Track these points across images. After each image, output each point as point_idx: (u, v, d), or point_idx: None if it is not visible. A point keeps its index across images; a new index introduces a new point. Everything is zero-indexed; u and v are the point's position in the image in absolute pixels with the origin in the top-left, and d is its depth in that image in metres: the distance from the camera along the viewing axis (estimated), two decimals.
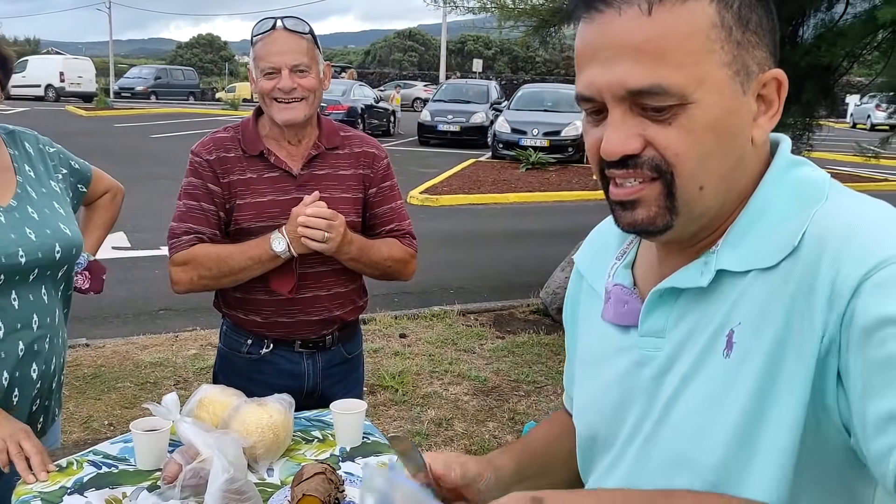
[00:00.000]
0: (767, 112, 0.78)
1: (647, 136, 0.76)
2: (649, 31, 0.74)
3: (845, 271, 0.69)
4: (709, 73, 0.74)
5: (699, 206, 0.78)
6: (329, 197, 2.01)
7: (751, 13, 0.76)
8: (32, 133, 1.91)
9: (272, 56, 1.93)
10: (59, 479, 1.60)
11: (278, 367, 2.09)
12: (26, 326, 1.74)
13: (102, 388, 4.19)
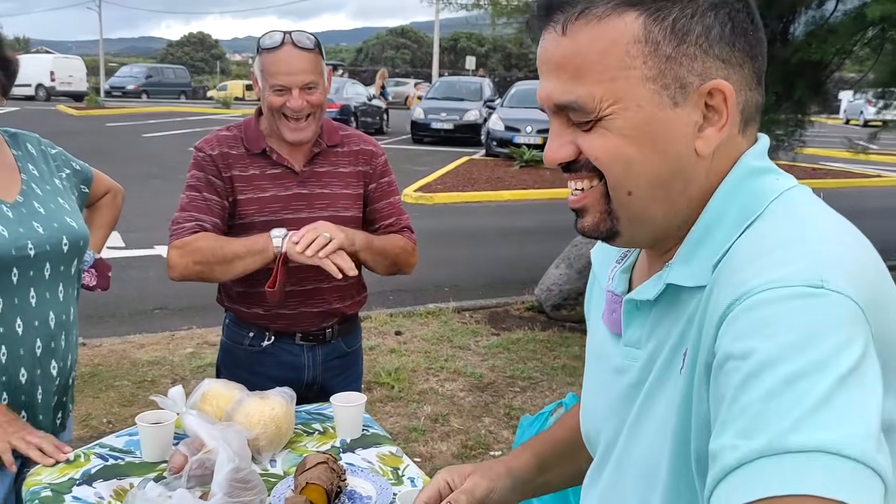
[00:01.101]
0: (716, 125, 0.77)
1: (577, 143, 0.80)
2: (566, 50, 0.77)
3: (720, 303, 0.70)
4: (627, 87, 0.76)
5: (634, 210, 0.80)
6: (330, 193, 2.08)
7: (693, 25, 0.75)
8: (34, 135, 1.94)
9: (282, 75, 1.95)
10: (68, 471, 1.63)
11: (279, 360, 2.12)
12: (44, 324, 1.77)
13: (100, 387, 4.21)
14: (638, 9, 0.76)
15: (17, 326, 1.72)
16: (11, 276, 1.70)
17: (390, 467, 1.72)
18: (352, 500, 1.55)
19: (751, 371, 0.63)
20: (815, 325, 0.63)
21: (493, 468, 1.08)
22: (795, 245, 0.71)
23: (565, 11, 0.77)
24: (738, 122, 0.79)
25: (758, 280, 0.67)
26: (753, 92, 0.80)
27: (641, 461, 0.83)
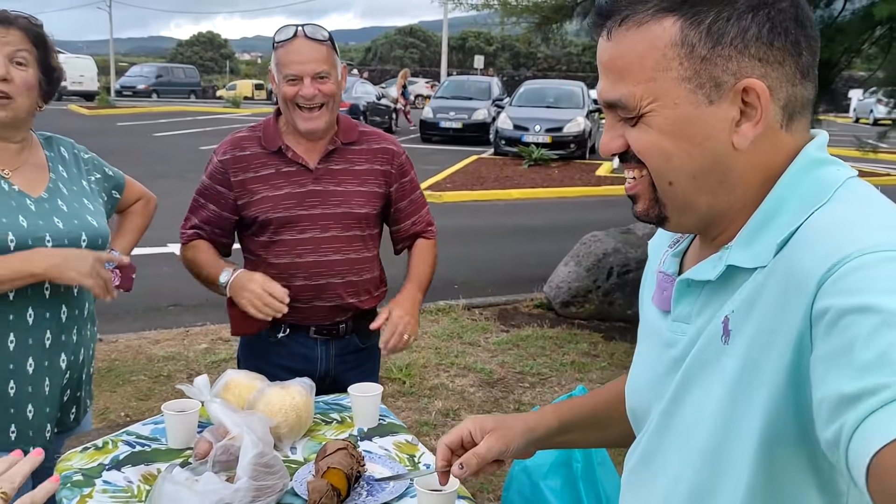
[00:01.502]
0: (752, 120, 0.82)
1: (625, 136, 0.88)
2: (612, 53, 0.86)
3: (811, 270, 0.74)
4: (664, 87, 0.83)
5: (678, 199, 0.87)
6: (344, 190, 2.13)
7: (729, 27, 0.81)
8: (69, 140, 2.00)
9: (294, 64, 2.03)
10: (97, 457, 1.70)
11: (293, 351, 2.19)
12: (55, 316, 1.83)
13: (117, 381, 4.29)
14: (676, 14, 0.82)
15: (28, 317, 1.78)
16: None
17: (406, 454, 1.78)
18: (370, 486, 1.61)
19: (882, 321, 0.65)
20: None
21: (513, 429, 1.16)
22: (880, 218, 0.76)
23: (613, 18, 0.85)
24: (780, 117, 0.84)
25: (856, 246, 0.71)
26: (798, 87, 0.84)
27: (684, 426, 0.89)
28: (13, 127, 1.79)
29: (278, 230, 2.12)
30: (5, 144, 1.80)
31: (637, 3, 0.84)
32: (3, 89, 1.72)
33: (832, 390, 0.66)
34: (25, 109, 1.78)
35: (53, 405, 1.86)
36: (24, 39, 1.76)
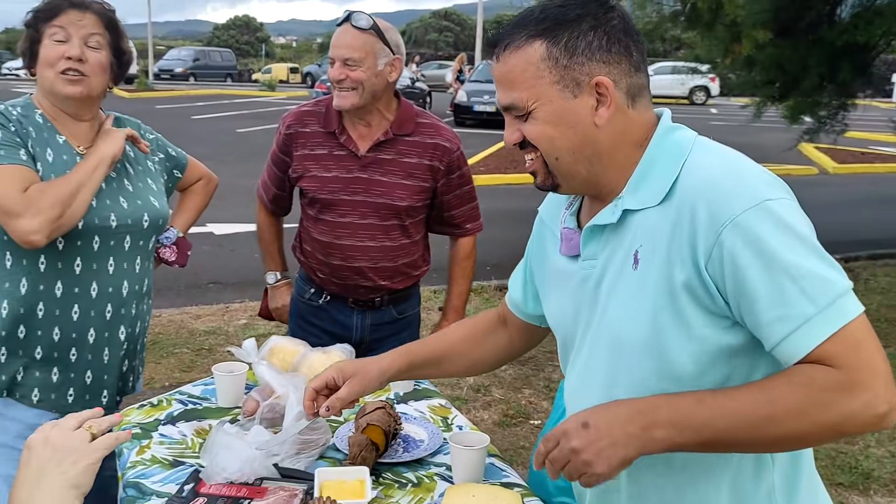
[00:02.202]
0: (605, 105, 1.13)
1: (521, 130, 1.17)
2: (501, 71, 1.17)
3: (716, 213, 1.04)
4: (541, 90, 1.14)
5: (563, 170, 1.18)
6: (389, 181, 2.22)
7: (579, 42, 1.12)
8: (136, 121, 2.12)
9: (333, 48, 2.17)
10: (153, 413, 1.84)
11: (332, 317, 2.34)
12: (117, 291, 1.95)
13: (161, 354, 4.46)
14: (541, 38, 1.13)
15: (92, 290, 1.90)
16: (93, 243, 1.88)
17: (440, 416, 1.88)
18: (406, 443, 1.72)
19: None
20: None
21: (369, 374, 1.44)
22: (739, 177, 1.08)
23: (498, 45, 1.17)
24: (625, 100, 1.15)
25: (743, 205, 1.04)
26: (634, 77, 1.15)
27: (610, 334, 1.17)
28: (86, 105, 1.91)
29: (322, 210, 2.24)
30: (78, 122, 1.92)
31: (513, 33, 1.15)
32: (78, 68, 1.83)
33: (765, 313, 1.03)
34: (98, 88, 1.89)
35: (111, 373, 1.99)
36: (97, 24, 1.86)
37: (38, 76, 1.87)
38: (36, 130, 1.84)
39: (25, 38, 1.87)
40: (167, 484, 1.53)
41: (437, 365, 1.51)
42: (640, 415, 1.06)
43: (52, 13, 1.83)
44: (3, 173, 1.72)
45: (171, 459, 1.63)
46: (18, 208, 1.70)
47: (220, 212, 7.84)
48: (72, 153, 1.88)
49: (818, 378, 1.01)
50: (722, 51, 5.00)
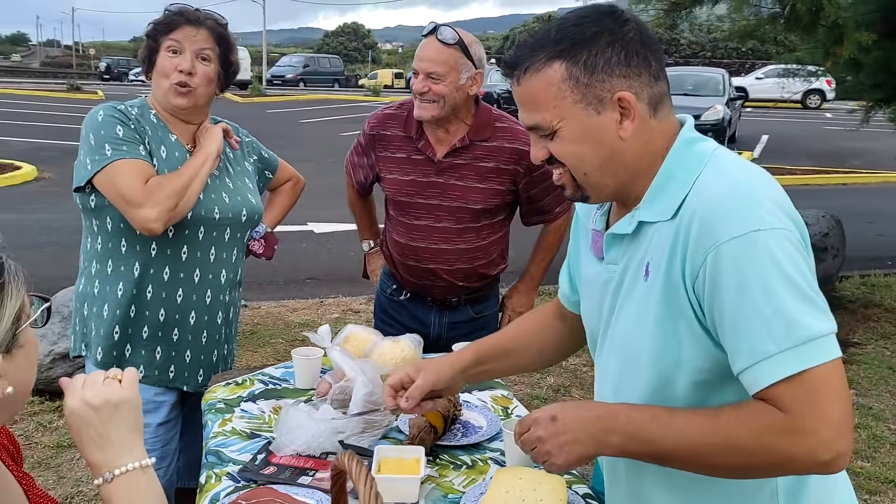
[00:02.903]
0: (629, 118, 1.15)
1: (547, 147, 1.20)
2: (523, 94, 1.19)
3: (707, 235, 1.07)
4: (564, 109, 1.15)
5: (592, 183, 1.20)
6: (464, 185, 2.30)
7: (598, 60, 1.13)
8: (235, 125, 2.30)
9: (418, 60, 2.25)
10: (237, 391, 2.00)
11: (412, 313, 2.45)
12: (216, 278, 2.12)
13: (258, 343, 4.72)
14: (560, 59, 1.14)
15: (195, 275, 2.08)
16: (198, 233, 2.06)
17: (501, 406, 1.96)
18: (465, 428, 1.81)
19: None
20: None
21: (440, 366, 1.49)
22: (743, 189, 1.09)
23: (518, 69, 1.19)
24: (648, 110, 1.16)
25: (729, 234, 1.05)
26: (654, 87, 1.17)
27: (621, 340, 1.23)
28: (194, 112, 2.09)
29: (399, 212, 2.36)
30: (187, 126, 2.11)
31: (532, 55, 1.17)
32: (187, 81, 2.01)
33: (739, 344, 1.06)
34: (204, 98, 2.07)
35: (208, 353, 2.17)
36: (209, 38, 2.04)
37: (153, 82, 2.07)
38: (151, 129, 2.04)
39: (145, 48, 2.08)
40: (243, 453, 1.67)
41: (507, 356, 1.54)
42: (601, 420, 1.15)
43: (170, 27, 2.02)
44: (126, 167, 1.92)
45: (248, 432, 1.77)
46: (140, 199, 1.89)
47: (319, 211, 8.18)
48: (182, 150, 2.06)
49: (764, 418, 1.03)
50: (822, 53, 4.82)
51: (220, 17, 2.13)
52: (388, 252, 2.47)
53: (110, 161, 1.91)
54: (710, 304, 1.07)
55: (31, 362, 0.99)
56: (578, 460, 1.14)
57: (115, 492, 1.00)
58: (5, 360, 0.94)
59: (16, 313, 0.94)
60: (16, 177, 10.05)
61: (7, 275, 0.95)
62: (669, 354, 1.14)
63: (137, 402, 1.05)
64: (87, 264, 2.09)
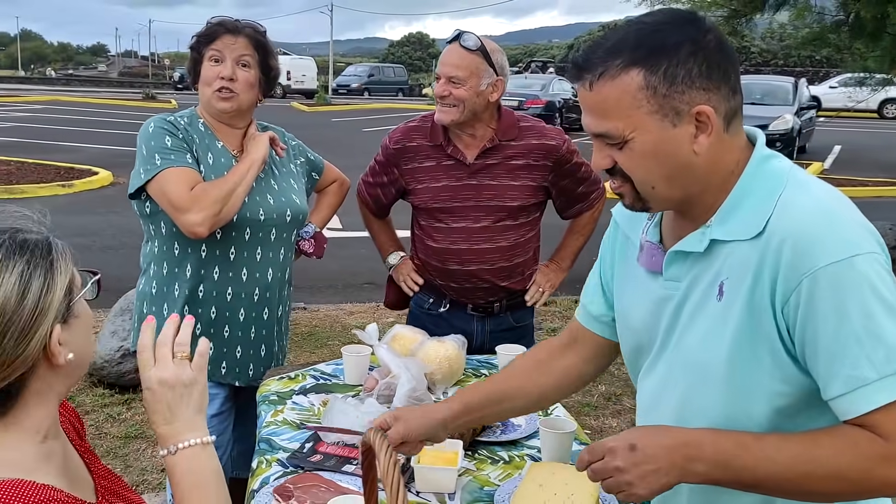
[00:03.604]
0: (705, 132, 1.11)
1: (613, 156, 1.15)
2: (594, 100, 1.13)
3: (801, 259, 1.04)
4: (638, 120, 1.11)
5: (658, 196, 1.16)
6: (498, 185, 2.35)
7: (678, 70, 1.08)
8: (281, 129, 2.41)
9: (441, 65, 2.31)
10: (290, 385, 2.10)
11: (452, 325, 2.45)
12: (263, 276, 2.23)
13: (316, 344, 4.86)
14: (638, 66, 1.09)
15: (243, 274, 2.19)
16: (244, 234, 2.17)
17: None
18: (504, 425, 1.86)
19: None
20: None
21: (420, 418, 1.42)
22: (829, 225, 1.05)
23: (590, 72, 1.12)
24: (723, 124, 1.12)
25: (826, 260, 1.03)
26: (731, 101, 1.12)
27: (686, 361, 1.19)
28: (238, 116, 2.22)
29: (436, 218, 2.40)
30: (233, 130, 2.24)
31: (607, 60, 1.11)
32: (229, 87, 2.14)
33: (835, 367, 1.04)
34: (247, 102, 2.20)
35: (258, 349, 2.28)
36: (248, 46, 2.16)
37: (199, 92, 2.20)
38: (199, 137, 2.17)
39: (190, 60, 2.22)
40: (293, 442, 1.77)
41: (498, 403, 1.47)
42: (686, 447, 1.10)
43: (210, 38, 2.16)
44: (174, 174, 2.05)
45: (298, 422, 1.87)
46: (187, 204, 2.01)
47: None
48: (228, 156, 2.19)
49: (862, 445, 1.03)
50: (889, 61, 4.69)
51: (258, 25, 2.24)
52: (423, 261, 2.48)
53: (160, 170, 2.04)
54: (803, 328, 1.05)
55: (87, 332, 1.10)
56: (661, 490, 1.10)
57: (177, 463, 1.10)
58: (64, 329, 1.04)
59: (66, 286, 1.05)
60: (93, 181, 10.53)
61: (55, 252, 1.06)
62: (747, 378, 1.12)
63: (205, 384, 1.14)
64: (146, 266, 2.24)
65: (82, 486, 1.13)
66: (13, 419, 1.05)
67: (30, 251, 1.04)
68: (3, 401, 1.04)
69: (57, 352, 1.03)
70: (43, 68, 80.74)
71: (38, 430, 1.07)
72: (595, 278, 1.45)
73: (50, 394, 1.07)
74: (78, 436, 1.24)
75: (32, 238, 1.06)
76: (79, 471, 1.15)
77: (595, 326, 1.44)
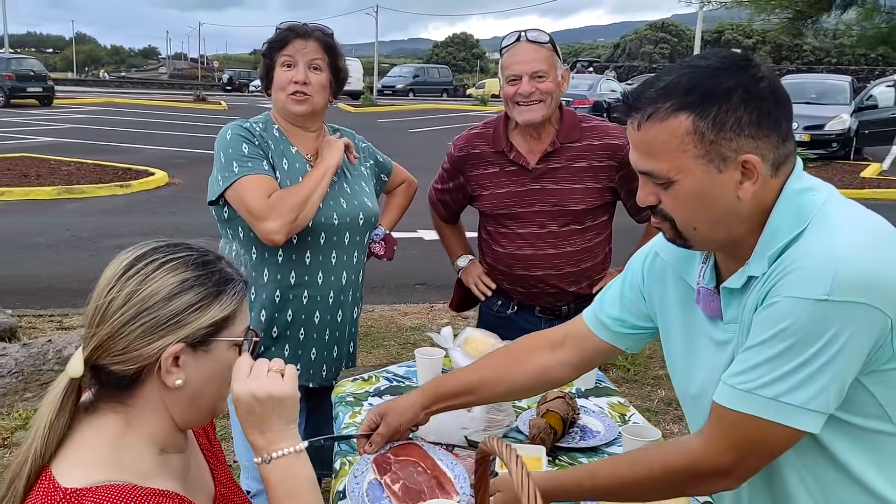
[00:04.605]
0: (750, 180, 1.12)
1: (657, 194, 1.18)
2: (642, 139, 1.15)
3: (782, 286, 1.08)
4: (684, 163, 1.12)
5: (699, 238, 1.19)
6: (561, 189, 2.33)
7: (728, 117, 1.09)
8: (351, 131, 2.44)
9: (515, 65, 2.27)
10: (364, 387, 2.12)
11: (520, 327, 2.42)
12: (337, 279, 2.26)
13: (372, 345, 4.90)
14: (687, 111, 1.10)
15: (318, 278, 2.22)
16: (319, 239, 2.20)
17: (618, 413, 1.99)
18: (583, 432, 1.85)
19: None
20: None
21: (397, 409, 1.62)
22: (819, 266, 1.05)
23: (639, 112, 1.14)
24: (770, 170, 1.12)
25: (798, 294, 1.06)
26: (781, 148, 1.12)
27: None
28: (311, 119, 2.25)
29: (501, 224, 2.40)
30: (305, 133, 2.27)
31: (657, 102, 1.12)
32: (303, 90, 2.17)
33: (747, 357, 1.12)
34: (320, 105, 2.23)
35: (331, 351, 2.30)
36: (318, 49, 2.19)
37: (273, 97, 2.23)
38: (274, 143, 2.20)
39: (263, 66, 2.25)
40: None
41: (471, 393, 1.58)
42: None
43: (282, 43, 2.19)
44: (252, 182, 2.08)
45: None
46: (264, 213, 2.04)
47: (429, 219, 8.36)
48: (302, 161, 2.22)
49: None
50: None
51: (325, 27, 2.27)
52: (491, 265, 2.49)
53: (238, 177, 2.08)
54: (750, 330, 1.12)
55: (212, 375, 1.10)
56: None
57: (271, 471, 1.11)
58: (187, 353, 1.05)
59: (217, 321, 1.07)
60: (150, 182, 10.78)
61: (230, 289, 1.09)
62: None
63: (296, 397, 1.14)
64: None
65: (202, 494, 1.15)
66: (133, 419, 1.07)
67: (207, 273, 1.08)
68: (122, 385, 1.06)
69: (166, 368, 1.05)
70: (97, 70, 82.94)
71: (155, 442, 1.09)
72: (616, 289, 1.48)
73: (163, 410, 1.09)
74: (207, 440, 1.27)
75: (219, 267, 1.10)
76: (201, 479, 1.17)
77: (602, 332, 1.48)
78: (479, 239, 2.54)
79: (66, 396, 1.06)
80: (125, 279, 1.05)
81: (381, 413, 1.62)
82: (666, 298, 1.38)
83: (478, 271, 2.54)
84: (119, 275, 1.06)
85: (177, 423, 1.11)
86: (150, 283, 1.04)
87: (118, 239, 6.95)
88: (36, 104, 24.94)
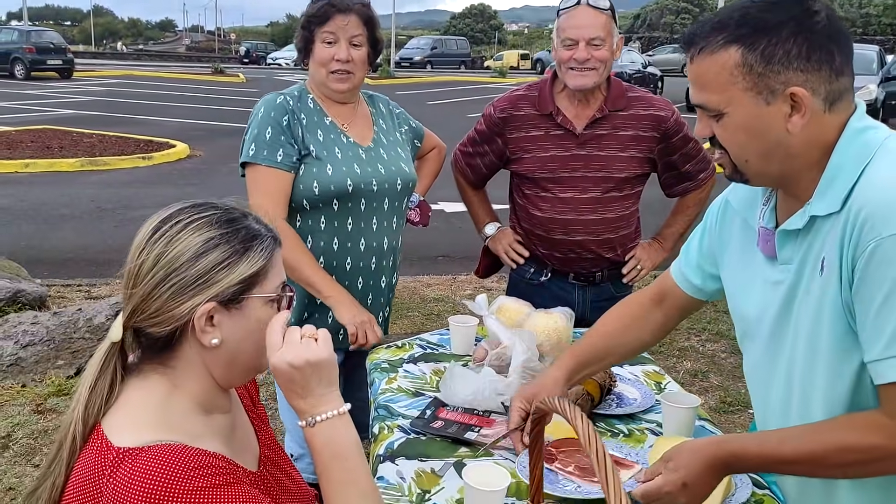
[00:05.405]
0: (799, 113, 1.13)
1: (711, 127, 1.21)
2: (695, 72, 1.20)
3: (871, 227, 1.07)
4: (733, 95, 1.15)
5: (753, 170, 1.21)
6: (606, 155, 2.32)
7: (777, 50, 1.11)
8: (385, 97, 2.43)
9: (572, 29, 2.23)
10: (399, 353, 2.13)
11: (553, 294, 2.45)
12: (379, 245, 2.26)
13: (396, 315, 4.91)
14: (738, 44, 1.14)
15: (360, 244, 2.22)
16: (360, 205, 2.20)
17: (654, 381, 1.99)
18: (620, 399, 1.85)
19: None
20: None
21: (546, 387, 1.59)
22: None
23: (694, 46, 1.19)
24: (823, 105, 1.13)
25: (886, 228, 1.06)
26: (833, 83, 1.13)
27: (803, 342, 1.22)
28: (349, 93, 2.24)
29: (542, 188, 2.38)
30: (342, 106, 2.26)
31: (709, 36, 1.17)
32: (346, 68, 2.16)
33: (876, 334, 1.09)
34: (360, 80, 2.23)
35: (374, 315, 2.31)
36: (358, 24, 2.17)
37: (310, 69, 2.22)
38: (307, 115, 2.19)
39: (300, 38, 2.22)
40: (410, 409, 1.80)
41: (603, 359, 1.65)
42: (727, 468, 1.25)
43: (323, 19, 2.16)
44: (260, 177, 2.12)
45: (413, 390, 1.90)
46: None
47: (450, 191, 8.31)
48: (337, 132, 2.21)
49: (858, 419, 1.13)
50: None
51: (365, 1, 2.22)
52: (526, 231, 2.47)
53: (250, 160, 2.12)
54: (858, 291, 1.09)
55: (248, 333, 1.09)
56: None
57: (315, 434, 1.11)
58: (219, 313, 1.05)
59: (247, 277, 1.07)
60: (170, 154, 10.82)
61: (257, 244, 1.08)
62: (848, 350, 1.14)
63: (332, 359, 1.13)
64: None
65: (247, 454, 1.16)
66: (177, 380, 1.08)
67: (232, 230, 1.08)
68: (162, 347, 1.08)
69: (200, 328, 1.05)
70: (114, 43, 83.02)
71: (199, 403, 1.10)
72: (696, 242, 1.53)
73: (203, 370, 1.09)
74: (252, 402, 1.28)
75: (245, 224, 1.09)
76: (247, 439, 1.18)
77: (688, 287, 1.54)
78: (513, 203, 2.52)
79: (107, 359, 1.08)
80: (153, 241, 1.06)
81: (527, 398, 1.59)
82: (731, 242, 1.42)
83: (508, 239, 2.52)
84: (147, 237, 1.07)
85: (218, 383, 1.12)
86: (176, 244, 1.05)
87: (142, 210, 6.98)
88: (56, 77, 25.03)
